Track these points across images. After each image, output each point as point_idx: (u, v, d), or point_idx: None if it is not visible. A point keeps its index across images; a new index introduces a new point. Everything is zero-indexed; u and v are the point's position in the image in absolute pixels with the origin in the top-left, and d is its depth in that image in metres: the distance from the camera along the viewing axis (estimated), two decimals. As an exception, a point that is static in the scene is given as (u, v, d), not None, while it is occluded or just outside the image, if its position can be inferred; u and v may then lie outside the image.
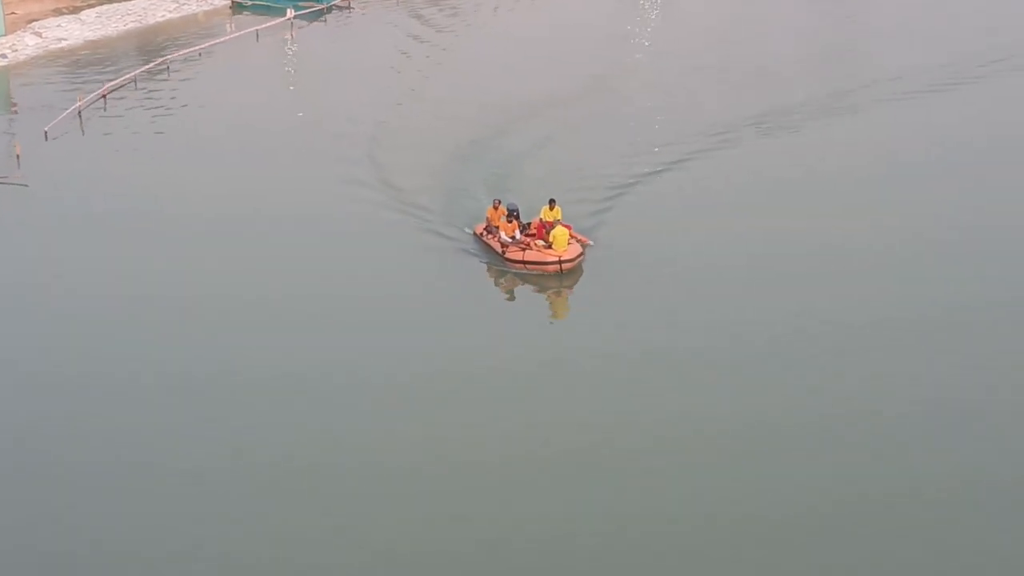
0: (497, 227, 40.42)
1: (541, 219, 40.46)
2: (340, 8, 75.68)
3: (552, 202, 40.59)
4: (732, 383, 32.84)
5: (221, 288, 38.57)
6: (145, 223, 43.75)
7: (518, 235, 39.89)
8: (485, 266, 39.92)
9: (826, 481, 28.96)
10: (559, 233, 38.76)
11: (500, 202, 40.89)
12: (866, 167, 48.34)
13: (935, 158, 49.29)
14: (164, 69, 63.55)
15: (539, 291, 38.49)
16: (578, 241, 39.50)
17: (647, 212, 43.85)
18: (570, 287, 38.49)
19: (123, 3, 73.54)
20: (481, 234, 40.84)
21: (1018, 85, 58.81)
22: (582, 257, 39.02)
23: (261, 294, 38.12)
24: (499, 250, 39.63)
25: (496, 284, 39.27)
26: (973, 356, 33.94)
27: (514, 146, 51.16)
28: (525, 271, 38.98)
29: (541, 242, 39.53)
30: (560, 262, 38.54)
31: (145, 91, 60.18)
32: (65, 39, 68.07)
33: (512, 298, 38.59)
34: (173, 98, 59.22)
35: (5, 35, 66.49)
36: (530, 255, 38.89)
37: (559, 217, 40.37)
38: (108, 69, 63.26)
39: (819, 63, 63.53)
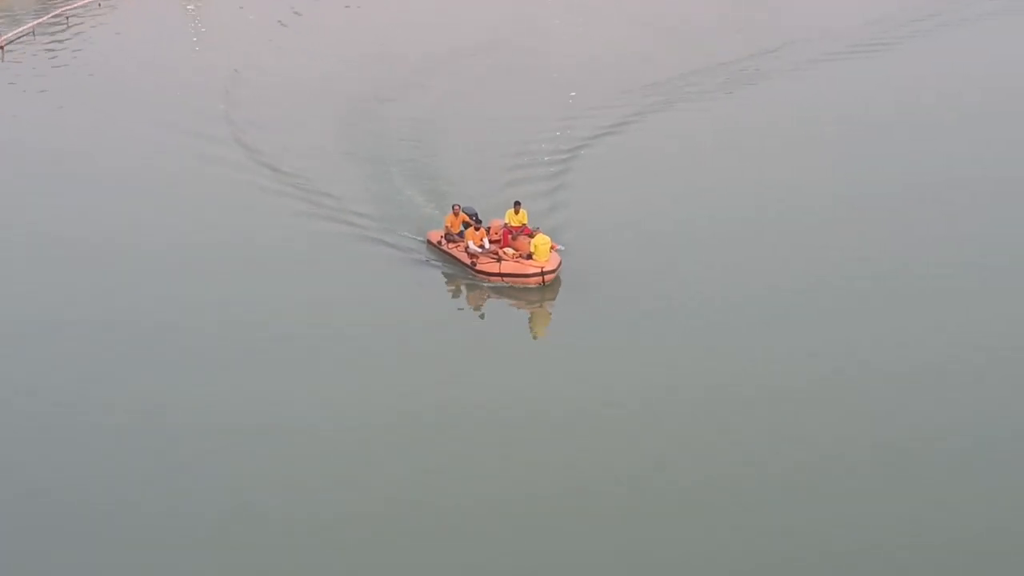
0: (458, 235, 34.90)
1: (507, 224, 35.04)
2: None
3: (517, 205, 35.14)
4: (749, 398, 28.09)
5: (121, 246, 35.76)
6: (43, 172, 41.83)
7: (487, 244, 34.40)
8: (446, 279, 34.30)
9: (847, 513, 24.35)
10: (541, 242, 33.22)
11: (460, 207, 35.33)
12: (796, 129, 45.73)
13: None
14: (63, 21, 62.52)
15: (519, 306, 32.97)
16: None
17: (602, 201, 39.09)
18: (552, 300, 33.10)
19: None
20: (439, 242, 35.18)
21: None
22: (560, 266, 33.71)
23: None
24: (467, 261, 34.04)
25: (466, 299, 33.67)
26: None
27: (434, 115, 47.06)
28: (501, 284, 33.54)
29: (510, 250, 34.17)
30: (543, 273, 33.14)
31: (44, 42, 58.54)
32: (-41, -10, 63.99)
33: (488, 316, 33.00)
34: (72, 49, 57.84)
35: None
36: (507, 267, 33.29)
37: (525, 221, 35.04)
38: (5, 20, 60.89)
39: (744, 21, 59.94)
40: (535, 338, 32.31)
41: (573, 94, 48.60)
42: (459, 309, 33.52)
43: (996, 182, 40.26)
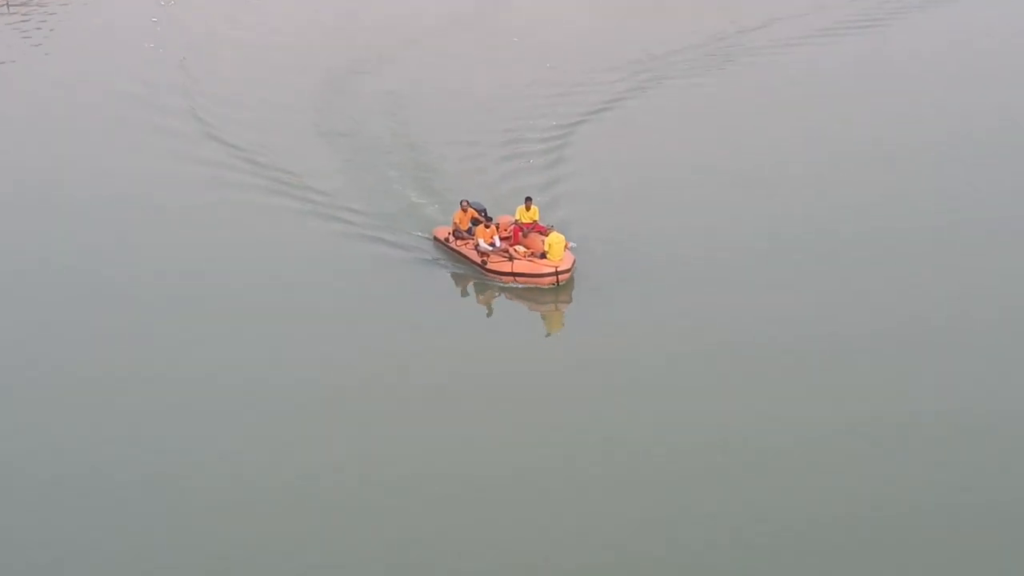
0: (466, 231, 33.32)
1: (517, 221, 33.49)
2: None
3: (528, 201, 33.53)
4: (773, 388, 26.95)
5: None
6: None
7: (498, 242, 32.83)
8: (454, 278, 32.61)
9: (858, 489, 23.47)
10: (556, 241, 31.60)
11: (468, 203, 33.72)
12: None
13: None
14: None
15: (531, 307, 31.38)
16: (561, 246, 32.65)
17: (601, 189, 37.60)
18: (566, 301, 31.49)
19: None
20: (447, 239, 33.57)
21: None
22: (575, 265, 32.17)
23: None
24: (476, 260, 32.46)
25: (476, 300, 32.11)
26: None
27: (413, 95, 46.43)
28: (513, 284, 31.98)
29: (521, 248, 32.65)
30: (557, 273, 31.57)
31: (18, 14, 58.98)
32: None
33: (499, 318, 31.28)
34: (47, 20, 57.81)
35: None
36: (520, 266, 31.65)
37: (536, 218, 33.51)
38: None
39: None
40: (549, 341, 30.68)
41: (549, 65, 47.71)
42: (468, 310, 31.90)
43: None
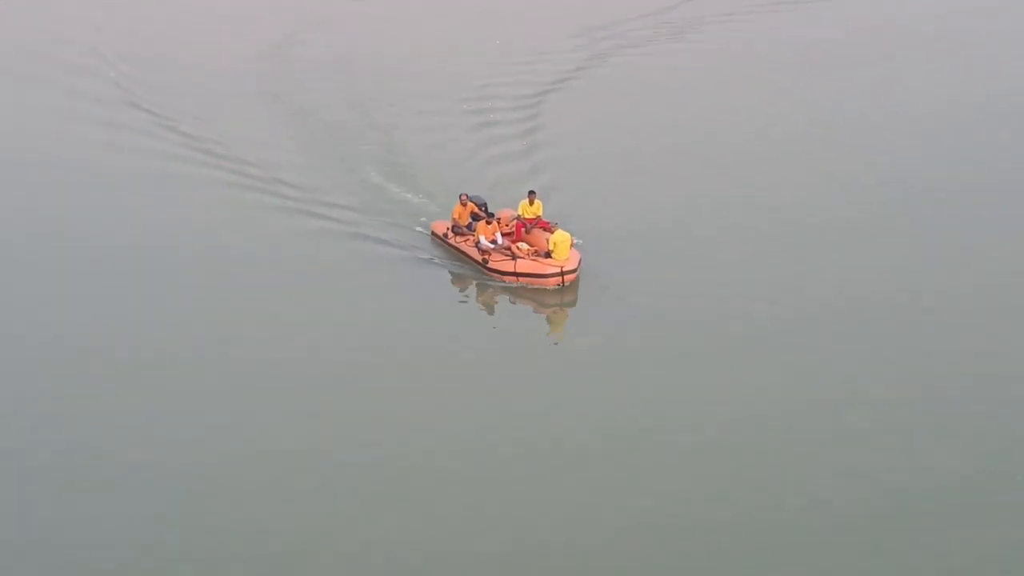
0: (466, 227, 31.18)
1: (520, 216, 31.38)
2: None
3: (532, 195, 31.36)
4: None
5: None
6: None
7: (500, 239, 30.70)
8: (452, 277, 30.46)
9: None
10: (561, 239, 29.44)
11: (468, 197, 31.56)
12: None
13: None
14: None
15: (535, 309, 29.28)
16: (566, 243, 30.50)
17: (590, 175, 35.67)
18: (571, 303, 29.41)
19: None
20: (445, 235, 31.43)
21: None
22: (581, 264, 30.00)
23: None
24: (477, 258, 30.33)
25: (476, 301, 29.96)
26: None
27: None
28: (516, 284, 29.87)
29: (524, 245, 30.53)
30: (563, 274, 29.47)
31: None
32: None
33: (500, 320, 29.24)
34: None
35: None
36: (524, 266, 29.56)
37: (540, 213, 31.38)
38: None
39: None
40: (554, 345, 28.48)
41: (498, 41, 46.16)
42: (468, 313, 29.72)
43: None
